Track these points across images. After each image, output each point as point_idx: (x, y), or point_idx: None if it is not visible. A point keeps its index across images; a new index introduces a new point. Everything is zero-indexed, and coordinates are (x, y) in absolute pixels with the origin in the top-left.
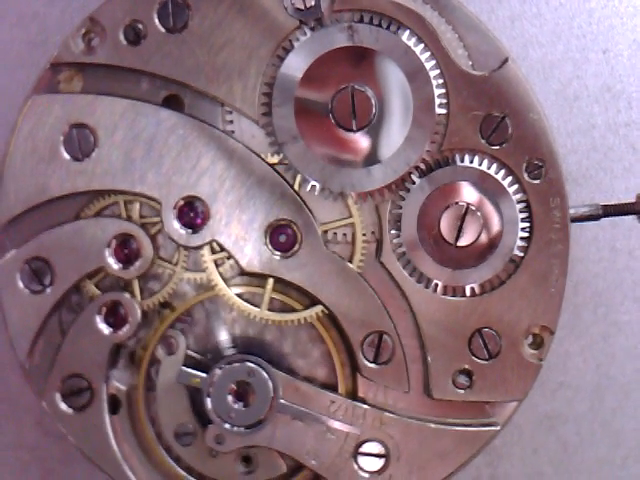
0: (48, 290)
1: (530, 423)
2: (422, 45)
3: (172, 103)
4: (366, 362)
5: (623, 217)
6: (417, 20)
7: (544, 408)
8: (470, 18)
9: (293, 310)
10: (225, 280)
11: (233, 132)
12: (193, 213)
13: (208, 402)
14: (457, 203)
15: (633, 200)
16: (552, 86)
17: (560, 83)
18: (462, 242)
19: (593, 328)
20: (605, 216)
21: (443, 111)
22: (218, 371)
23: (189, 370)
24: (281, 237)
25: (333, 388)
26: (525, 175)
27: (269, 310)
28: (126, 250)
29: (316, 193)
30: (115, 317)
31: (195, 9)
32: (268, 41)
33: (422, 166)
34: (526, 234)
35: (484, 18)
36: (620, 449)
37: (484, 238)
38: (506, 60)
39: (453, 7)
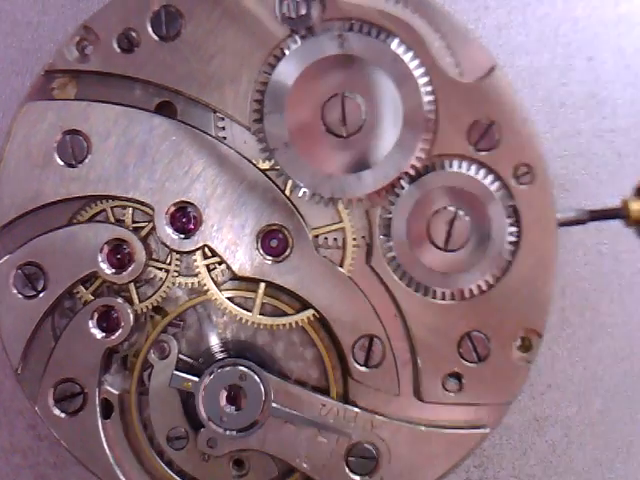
0: (41, 295)
1: (519, 425)
2: (411, 53)
3: (165, 110)
4: (357, 365)
5: (609, 221)
6: (406, 29)
7: (533, 410)
8: (458, 27)
9: (284, 314)
10: (217, 285)
11: (225, 138)
12: (185, 218)
13: (200, 406)
14: (446, 208)
15: (619, 205)
16: (538, 93)
17: (546, 90)
18: (451, 246)
19: (580, 331)
20: (592, 220)
21: (432, 118)
22: (210, 375)
23: (181, 374)
24: (272, 242)
25: (324, 391)
26: (513, 181)
27: (261, 314)
28: (119, 255)
29: (307, 198)
30: (108, 322)
31: (188, 18)
32: (260, 49)
33: (411, 172)
34: (514, 239)
35: (471, 27)
36: (608, 451)
37: (472, 243)
38: (493, 68)
39: (441, 16)
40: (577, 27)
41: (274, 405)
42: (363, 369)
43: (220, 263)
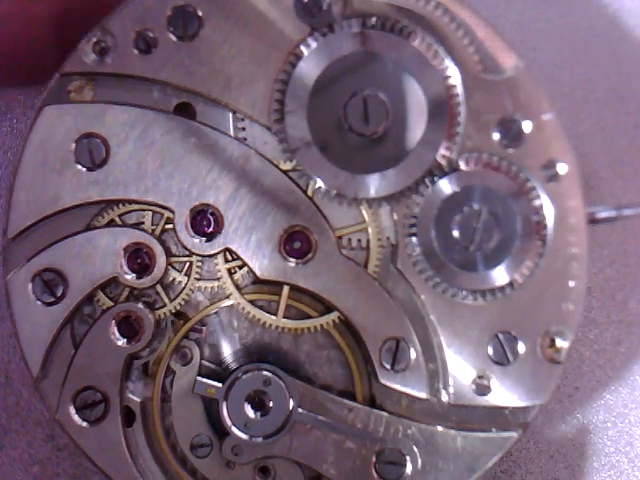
0: (61, 302)
1: (546, 429)
2: (434, 50)
3: (184, 111)
4: (384, 369)
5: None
6: (429, 25)
7: (560, 413)
8: (482, 23)
9: (308, 317)
10: (239, 288)
11: (245, 139)
12: (206, 221)
13: (224, 412)
14: (472, 207)
15: None
16: (561, 89)
17: (569, 86)
18: (478, 246)
19: (607, 332)
20: (621, 219)
21: (457, 115)
22: (234, 381)
23: (205, 380)
24: (295, 244)
25: (350, 396)
26: (541, 177)
27: (285, 317)
28: (139, 260)
29: (330, 199)
30: (129, 328)
31: (206, 17)
32: (279, 47)
33: (436, 170)
34: (543, 237)
35: (493, 22)
36: (636, 454)
37: (500, 241)
38: (518, 64)
39: (465, 12)
40: (599, 22)
41: (300, 410)
42: (390, 372)
43: (242, 266)
